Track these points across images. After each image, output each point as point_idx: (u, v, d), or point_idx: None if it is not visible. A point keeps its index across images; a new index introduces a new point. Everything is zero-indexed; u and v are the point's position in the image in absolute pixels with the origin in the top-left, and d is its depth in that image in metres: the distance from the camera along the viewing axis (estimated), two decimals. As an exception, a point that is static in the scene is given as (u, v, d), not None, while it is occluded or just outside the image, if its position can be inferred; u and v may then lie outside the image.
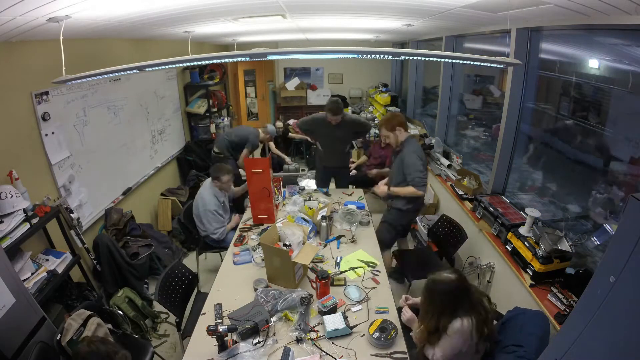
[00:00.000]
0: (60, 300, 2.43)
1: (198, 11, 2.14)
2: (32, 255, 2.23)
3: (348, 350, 1.73)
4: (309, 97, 7.15)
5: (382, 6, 2.25)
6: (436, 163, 4.18)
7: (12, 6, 1.35)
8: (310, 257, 2.19)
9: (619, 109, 2.08)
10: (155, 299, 2.13)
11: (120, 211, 3.20)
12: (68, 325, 1.89)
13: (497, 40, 3.08)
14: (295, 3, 2.06)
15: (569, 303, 1.95)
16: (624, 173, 2.07)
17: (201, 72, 5.20)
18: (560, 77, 2.51)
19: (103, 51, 2.99)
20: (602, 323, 1.06)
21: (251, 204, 2.96)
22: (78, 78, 1.70)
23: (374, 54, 1.58)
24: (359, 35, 5.10)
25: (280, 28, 3.45)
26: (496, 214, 2.73)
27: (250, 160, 2.87)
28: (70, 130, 2.68)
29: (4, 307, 1.66)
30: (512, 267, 2.39)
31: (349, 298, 2.08)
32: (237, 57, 1.90)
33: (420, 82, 5.68)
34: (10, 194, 2.04)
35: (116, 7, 1.75)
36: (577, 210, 2.43)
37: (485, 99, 3.79)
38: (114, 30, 2.54)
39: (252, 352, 1.68)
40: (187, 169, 4.78)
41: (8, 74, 2.15)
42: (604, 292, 1.03)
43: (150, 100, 3.95)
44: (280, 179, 3.59)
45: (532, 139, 2.90)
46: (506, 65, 1.64)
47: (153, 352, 2.19)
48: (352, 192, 3.53)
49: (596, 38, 2.13)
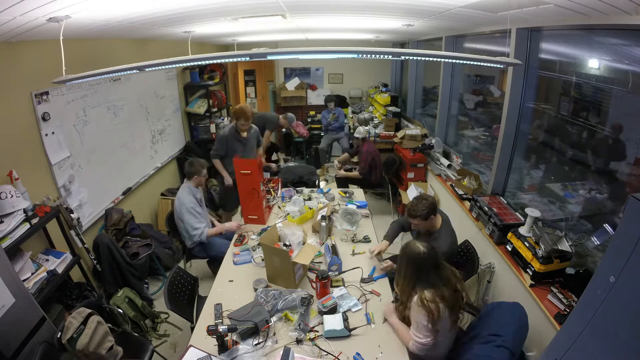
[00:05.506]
0: (60, 300, 2.43)
1: (198, 11, 2.14)
2: (32, 255, 2.23)
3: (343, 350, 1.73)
4: (309, 97, 7.15)
5: (382, 6, 2.25)
6: (436, 163, 4.18)
7: (12, 6, 1.35)
8: (311, 257, 2.20)
9: (619, 109, 2.08)
10: (168, 308, 2.12)
11: (120, 211, 3.21)
12: (68, 324, 1.89)
13: (497, 40, 3.08)
14: (295, 3, 2.06)
15: (569, 303, 1.95)
16: (626, 173, 2.07)
17: (201, 72, 5.20)
18: (560, 77, 2.51)
19: (103, 51, 2.99)
20: (602, 323, 1.06)
21: (241, 205, 2.96)
22: (78, 78, 1.70)
23: (374, 54, 1.58)
24: (359, 35, 5.09)
25: (280, 28, 3.45)
26: (490, 213, 2.73)
27: (239, 161, 2.83)
28: (70, 130, 2.68)
29: (3, 307, 1.66)
30: (512, 267, 2.39)
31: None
32: (237, 57, 1.90)
33: (420, 82, 5.68)
34: (10, 194, 2.04)
35: (116, 7, 1.75)
36: (577, 210, 2.43)
37: (485, 98, 3.79)
38: (113, 31, 2.54)
39: (252, 353, 1.68)
40: (187, 169, 4.78)
41: (8, 74, 2.15)
42: (604, 292, 1.03)
43: (150, 100, 3.95)
44: (280, 179, 3.60)
45: (532, 138, 2.90)
46: (506, 65, 1.64)
47: (153, 351, 2.19)
48: (352, 192, 3.53)
49: (596, 38, 2.13)
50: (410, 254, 1.73)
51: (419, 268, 1.70)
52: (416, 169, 4.47)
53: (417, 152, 4.45)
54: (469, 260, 2.62)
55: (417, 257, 1.70)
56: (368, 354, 1.71)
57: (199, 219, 2.82)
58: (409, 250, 1.75)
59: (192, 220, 2.78)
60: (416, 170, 4.48)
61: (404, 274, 1.75)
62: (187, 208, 2.78)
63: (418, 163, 4.44)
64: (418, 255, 1.70)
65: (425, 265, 1.70)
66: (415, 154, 4.45)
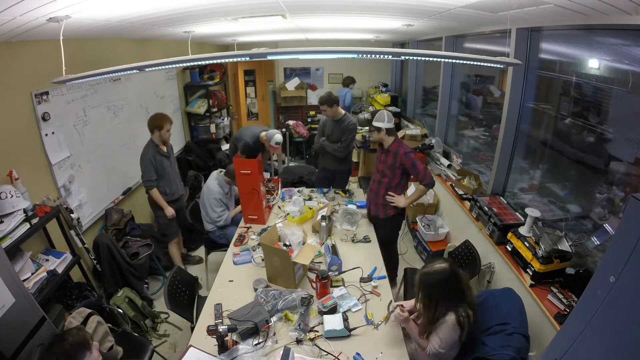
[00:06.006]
0: (60, 300, 2.42)
1: (198, 11, 2.14)
2: (32, 255, 2.23)
3: (343, 350, 1.73)
4: (309, 97, 7.15)
5: (382, 6, 2.25)
6: (436, 163, 4.18)
7: (12, 6, 1.35)
8: (311, 257, 2.20)
9: (619, 108, 2.08)
10: (168, 308, 2.12)
11: (120, 211, 3.21)
12: (68, 323, 1.89)
13: (497, 40, 3.08)
14: (295, 3, 2.06)
15: (569, 303, 1.95)
16: (625, 173, 2.06)
17: (201, 72, 5.20)
18: (560, 77, 2.51)
19: (103, 51, 2.99)
20: (602, 323, 1.06)
21: (241, 205, 2.97)
22: (78, 78, 1.69)
23: (374, 54, 1.58)
24: (359, 35, 5.10)
25: (280, 28, 3.45)
26: (490, 213, 2.73)
27: (239, 161, 2.83)
28: (70, 130, 2.68)
29: (3, 307, 1.66)
30: (512, 267, 2.39)
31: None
32: (237, 57, 1.90)
33: (420, 82, 5.68)
34: (10, 194, 2.04)
35: (116, 7, 1.75)
36: (577, 210, 2.43)
37: (485, 98, 3.79)
38: (113, 31, 2.54)
39: (252, 353, 1.68)
40: (187, 168, 4.78)
41: (8, 74, 2.15)
42: (604, 292, 1.03)
43: (150, 100, 3.95)
44: (280, 179, 3.60)
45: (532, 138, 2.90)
46: (506, 65, 1.64)
47: (153, 351, 2.19)
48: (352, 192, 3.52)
49: (596, 38, 2.13)
50: (438, 277, 1.69)
51: (450, 284, 1.68)
52: (416, 169, 4.47)
53: (417, 152, 4.45)
54: (471, 262, 2.60)
55: (446, 274, 1.68)
56: (368, 354, 1.71)
57: (222, 206, 3.16)
58: (434, 275, 1.70)
59: (216, 207, 3.12)
60: (416, 170, 4.47)
61: (437, 298, 1.70)
62: (214, 197, 3.12)
63: (418, 163, 4.44)
64: (446, 272, 1.68)
65: (454, 277, 1.69)
66: (415, 154, 4.44)
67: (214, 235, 3.22)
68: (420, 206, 4.01)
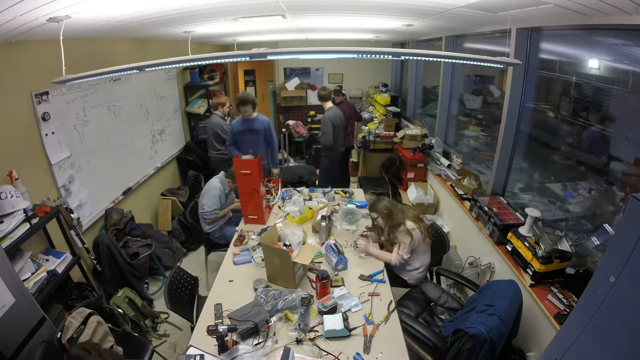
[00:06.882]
0: (60, 300, 2.43)
1: (198, 11, 2.14)
2: (32, 255, 2.23)
3: (343, 350, 1.73)
4: (309, 97, 7.14)
5: (382, 6, 2.25)
6: (436, 163, 4.18)
7: (12, 6, 1.35)
8: (311, 257, 2.20)
9: (619, 108, 2.08)
10: (168, 308, 2.12)
11: (120, 211, 3.20)
12: (68, 324, 1.89)
13: (497, 40, 3.08)
14: (295, 3, 2.06)
15: (569, 303, 1.95)
16: (625, 173, 2.06)
17: (201, 72, 5.20)
18: (561, 77, 2.51)
19: (103, 51, 2.99)
20: (602, 323, 1.06)
21: (241, 205, 2.96)
22: (78, 78, 1.70)
23: (374, 54, 1.58)
24: (359, 35, 5.09)
25: (280, 28, 3.45)
26: (490, 213, 2.73)
27: (239, 161, 2.81)
28: (70, 130, 2.68)
29: (3, 307, 1.66)
30: (512, 267, 2.39)
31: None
32: (237, 57, 1.90)
33: (420, 82, 5.68)
34: (10, 194, 2.04)
35: (116, 7, 1.75)
36: (577, 210, 2.43)
37: (485, 98, 3.79)
38: (113, 31, 2.54)
39: (252, 353, 1.68)
40: (187, 169, 4.78)
41: (8, 74, 2.15)
42: (604, 292, 1.03)
43: (150, 100, 3.95)
44: (280, 179, 3.60)
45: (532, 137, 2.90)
46: (506, 65, 1.64)
47: (153, 350, 2.19)
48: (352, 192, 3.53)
49: (596, 38, 2.13)
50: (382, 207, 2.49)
51: (390, 212, 2.45)
52: (416, 169, 4.47)
53: (417, 152, 4.45)
54: (439, 241, 2.79)
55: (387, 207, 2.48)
56: (368, 354, 1.71)
57: (216, 202, 3.13)
58: (379, 205, 2.50)
59: (210, 201, 3.10)
60: (416, 170, 4.48)
61: (381, 214, 2.49)
62: (214, 190, 3.13)
63: (418, 163, 4.44)
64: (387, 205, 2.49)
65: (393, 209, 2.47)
66: (415, 154, 4.45)
67: (213, 236, 3.21)
68: (420, 206, 4.02)
